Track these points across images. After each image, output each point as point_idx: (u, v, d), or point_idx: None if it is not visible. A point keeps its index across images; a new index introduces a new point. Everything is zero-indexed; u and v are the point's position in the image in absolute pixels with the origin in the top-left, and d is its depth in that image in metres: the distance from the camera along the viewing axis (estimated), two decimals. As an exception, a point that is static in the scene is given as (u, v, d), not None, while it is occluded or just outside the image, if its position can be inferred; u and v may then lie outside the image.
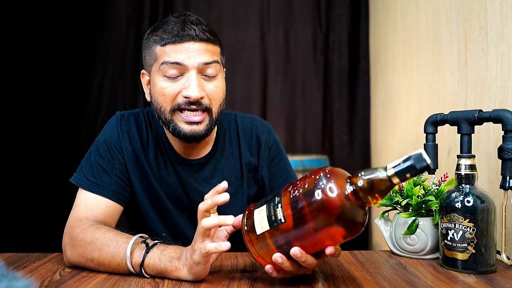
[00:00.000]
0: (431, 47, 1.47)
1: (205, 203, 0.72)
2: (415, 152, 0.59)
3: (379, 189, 0.62)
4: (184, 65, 0.88)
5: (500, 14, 1.01)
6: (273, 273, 0.69)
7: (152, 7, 2.35)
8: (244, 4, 2.40)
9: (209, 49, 0.90)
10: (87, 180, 0.93)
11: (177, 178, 1.00)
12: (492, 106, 1.03)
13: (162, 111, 0.91)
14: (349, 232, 0.64)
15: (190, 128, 0.90)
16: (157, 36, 0.90)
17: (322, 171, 0.65)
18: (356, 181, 0.63)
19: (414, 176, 0.60)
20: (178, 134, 0.92)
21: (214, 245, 0.68)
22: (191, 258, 0.71)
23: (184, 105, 0.89)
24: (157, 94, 0.91)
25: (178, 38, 0.87)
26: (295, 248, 0.64)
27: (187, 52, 0.88)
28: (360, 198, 0.62)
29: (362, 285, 0.71)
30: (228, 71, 2.37)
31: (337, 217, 0.61)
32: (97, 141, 0.99)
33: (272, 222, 0.66)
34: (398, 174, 0.60)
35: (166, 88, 0.89)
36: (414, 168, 0.59)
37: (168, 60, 0.88)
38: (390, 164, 0.61)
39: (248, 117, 1.11)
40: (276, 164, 1.08)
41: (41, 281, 0.75)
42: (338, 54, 2.39)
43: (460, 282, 0.73)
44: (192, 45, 0.88)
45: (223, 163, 1.04)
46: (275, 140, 1.09)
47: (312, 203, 0.62)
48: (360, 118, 2.38)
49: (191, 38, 0.88)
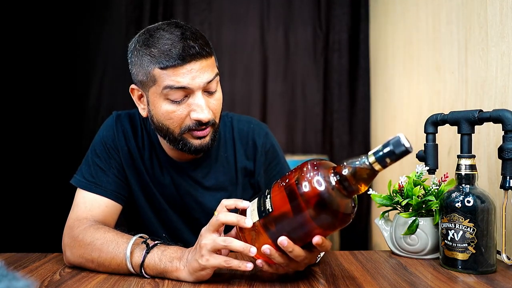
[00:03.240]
0: (431, 47, 1.47)
1: (229, 200, 0.75)
2: (394, 137, 0.59)
3: (363, 176, 0.62)
4: (190, 88, 0.83)
5: (500, 14, 1.01)
6: (264, 266, 0.69)
7: (152, 7, 2.35)
8: (244, 4, 2.40)
9: (209, 64, 0.86)
10: (85, 180, 0.93)
11: (171, 181, 1.00)
12: (492, 106, 1.03)
13: (169, 132, 0.88)
14: (337, 222, 0.64)
15: (199, 142, 0.89)
16: (153, 57, 0.83)
17: (309, 163, 0.66)
18: (340, 171, 0.63)
19: (395, 161, 0.59)
20: (188, 150, 0.90)
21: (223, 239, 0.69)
22: (196, 259, 0.70)
23: (195, 127, 0.87)
24: (161, 117, 0.87)
25: (180, 61, 0.81)
26: (282, 237, 0.65)
27: (190, 73, 0.82)
28: (345, 187, 0.63)
29: (362, 285, 0.71)
30: (228, 71, 2.40)
31: (324, 207, 0.62)
32: (94, 142, 0.99)
33: (261, 213, 0.67)
34: (379, 160, 0.60)
35: (173, 112, 0.85)
36: (394, 153, 0.58)
37: (172, 85, 0.82)
38: (371, 151, 0.61)
39: (244, 119, 1.08)
40: (273, 169, 1.07)
41: (41, 281, 0.75)
42: (338, 54, 2.39)
43: (460, 282, 0.73)
44: (195, 65, 0.83)
45: (217, 167, 1.02)
46: (272, 144, 1.07)
47: (299, 193, 0.63)
48: (360, 118, 2.38)
49: (192, 58, 0.82)
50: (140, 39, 0.87)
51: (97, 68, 2.35)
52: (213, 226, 0.71)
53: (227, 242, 0.68)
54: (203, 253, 0.69)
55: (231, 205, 0.74)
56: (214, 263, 0.69)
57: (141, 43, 0.86)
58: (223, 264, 0.69)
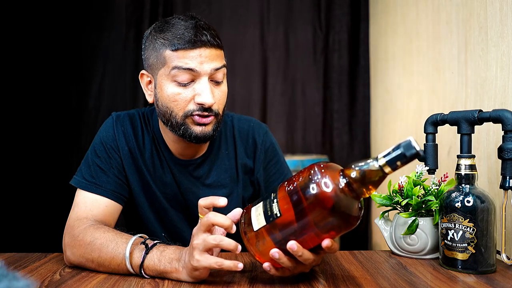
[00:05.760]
0: (431, 47, 1.47)
1: (205, 199, 0.75)
2: (404, 140, 0.60)
3: (372, 179, 0.62)
4: (197, 71, 0.87)
5: (500, 14, 1.01)
6: (272, 270, 0.69)
7: (152, 7, 2.35)
8: (244, 4, 2.40)
9: (218, 54, 0.90)
10: (85, 180, 0.93)
11: (173, 178, 1.00)
12: (492, 106, 1.03)
13: (173, 116, 0.90)
14: (344, 225, 0.64)
15: (200, 129, 0.90)
16: (166, 40, 0.87)
17: (316, 166, 0.65)
18: (349, 173, 0.63)
19: (405, 164, 0.60)
20: (188, 136, 0.91)
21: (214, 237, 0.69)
22: (189, 260, 0.71)
23: (197, 111, 0.89)
24: (166, 99, 0.90)
25: (191, 44, 0.86)
26: (291, 242, 0.65)
27: (200, 58, 0.87)
28: (354, 189, 0.63)
29: (362, 285, 0.71)
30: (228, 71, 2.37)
31: (332, 210, 0.62)
32: (93, 142, 0.99)
33: (268, 217, 0.66)
34: (389, 163, 0.60)
35: (179, 95, 0.88)
36: (404, 156, 0.59)
37: (180, 65, 0.86)
38: (381, 154, 0.62)
39: (245, 119, 1.10)
40: (272, 167, 1.07)
41: (41, 281, 0.75)
42: (338, 54, 2.39)
43: (460, 282, 0.73)
44: (204, 51, 0.87)
45: (218, 164, 1.03)
46: (272, 143, 1.09)
47: (307, 197, 0.62)
48: (360, 118, 2.38)
49: (203, 44, 0.87)
50: (156, 26, 0.93)
51: (97, 68, 2.35)
52: (204, 226, 0.71)
53: (217, 240, 0.69)
54: (194, 253, 0.70)
55: (207, 204, 0.75)
56: (204, 264, 0.69)
57: (156, 29, 0.92)
58: (214, 265, 0.69)
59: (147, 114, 1.03)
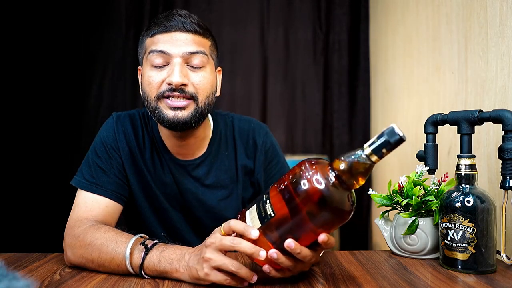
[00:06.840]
0: (431, 47, 1.47)
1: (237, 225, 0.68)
2: (387, 127, 0.61)
3: (360, 169, 0.63)
4: (169, 54, 0.89)
5: (500, 14, 1.01)
6: (271, 272, 0.68)
7: (152, 7, 2.35)
8: (244, 4, 2.40)
9: (196, 40, 0.91)
10: (86, 180, 0.93)
11: (172, 179, 1.00)
12: (492, 106, 1.03)
13: (148, 100, 0.92)
14: (339, 218, 0.64)
15: (173, 114, 0.90)
16: (148, 30, 0.93)
17: (306, 162, 0.66)
18: (337, 166, 0.64)
19: (390, 151, 0.61)
20: (162, 121, 0.92)
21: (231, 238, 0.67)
22: (195, 267, 0.69)
23: (168, 92, 0.90)
24: (144, 83, 0.93)
25: (165, 28, 0.90)
26: (289, 240, 0.65)
27: (173, 41, 0.90)
28: (344, 181, 0.63)
29: (362, 285, 0.71)
30: (228, 71, 2.40)
31: (324, 204, 0.62)
32: (94, 142, 0.99)
33: (263, 218, 0.66)
34: (375, 151, 0.61)
35: (152, 77, 0.91)
36: (389, 142, 0.60)
37: (154, 49, 0.90)
38: (366, 144, 0.63)
39: (245, 119, 1.10)
40: (272, 168, 1.07)
41: (41, 281, 0.75)
42: (338, 54, 2.39)
43: (460, 282, 0.73)
44: (179, 35, 0.90)
45: (218, 165, 1.03)
46: (272, 143, 1.08)
47: (299, 193, 0.63)
48: (360, 118, 2.38)
49: (178, 28, 0.90)
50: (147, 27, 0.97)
51: (97, 68, 2.35)
52: (224, 230, 0.70)
53: (235, 242, 0.67)
54: (205, 267, 0.68)
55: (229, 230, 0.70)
56: (213, 280, 0.68)
57: (147, 27, 0.96)
58: (222, 282, 0.67)
59: (147, 114, 1.03)
